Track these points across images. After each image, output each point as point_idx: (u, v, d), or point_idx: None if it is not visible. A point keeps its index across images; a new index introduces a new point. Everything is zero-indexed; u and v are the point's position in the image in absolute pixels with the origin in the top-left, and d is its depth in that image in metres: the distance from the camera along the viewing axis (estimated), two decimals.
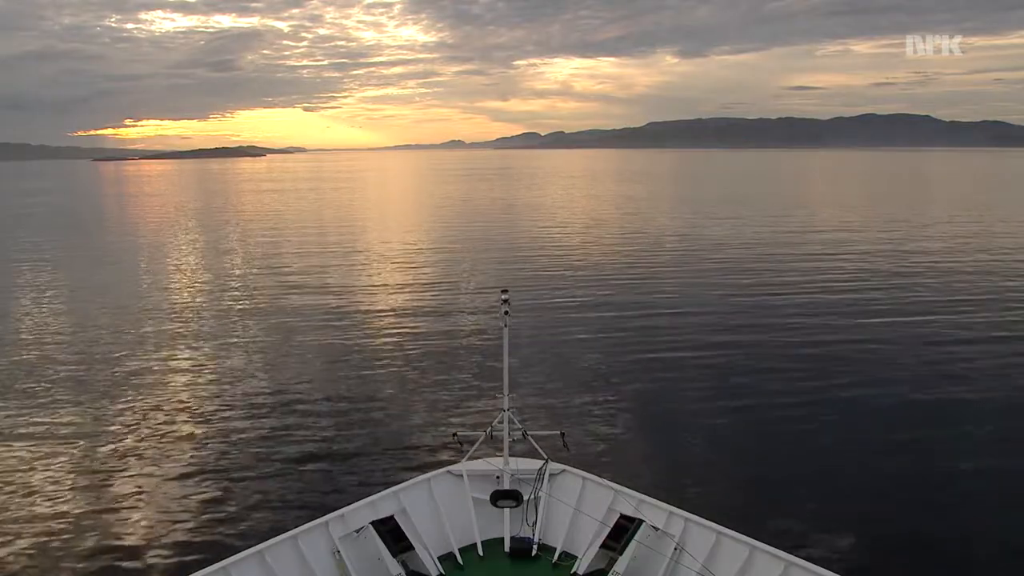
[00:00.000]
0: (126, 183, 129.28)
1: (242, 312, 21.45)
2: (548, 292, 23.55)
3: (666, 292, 23.58)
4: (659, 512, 6.74)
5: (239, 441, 11.97)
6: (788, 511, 9.61)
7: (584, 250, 33.02)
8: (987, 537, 9.15)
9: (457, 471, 7.58)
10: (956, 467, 11.10)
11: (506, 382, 7.60)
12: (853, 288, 23.95)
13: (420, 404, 13.57)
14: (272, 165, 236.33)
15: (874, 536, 9.09)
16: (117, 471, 10.93)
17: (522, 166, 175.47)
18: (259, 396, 14.10)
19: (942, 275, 26.16)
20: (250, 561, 6.09)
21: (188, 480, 10.61)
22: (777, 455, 11.54)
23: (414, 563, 6.48)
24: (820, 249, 32.65)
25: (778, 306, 21.42)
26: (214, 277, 27.74)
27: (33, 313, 21.84)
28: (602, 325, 19.38)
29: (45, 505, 9.92)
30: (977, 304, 21.49)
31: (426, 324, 19.63)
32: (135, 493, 10.25)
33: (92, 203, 77.88)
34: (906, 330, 18.63)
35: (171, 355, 17.00)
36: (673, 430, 12.60)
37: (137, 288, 25.67)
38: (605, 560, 6.47)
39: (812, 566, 5.74)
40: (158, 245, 37.79)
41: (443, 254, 32.84)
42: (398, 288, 25.03)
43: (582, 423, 12.52)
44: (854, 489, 10.38)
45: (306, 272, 28.13)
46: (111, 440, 12.03)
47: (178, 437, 12.17)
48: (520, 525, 6.88)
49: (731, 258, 30.25)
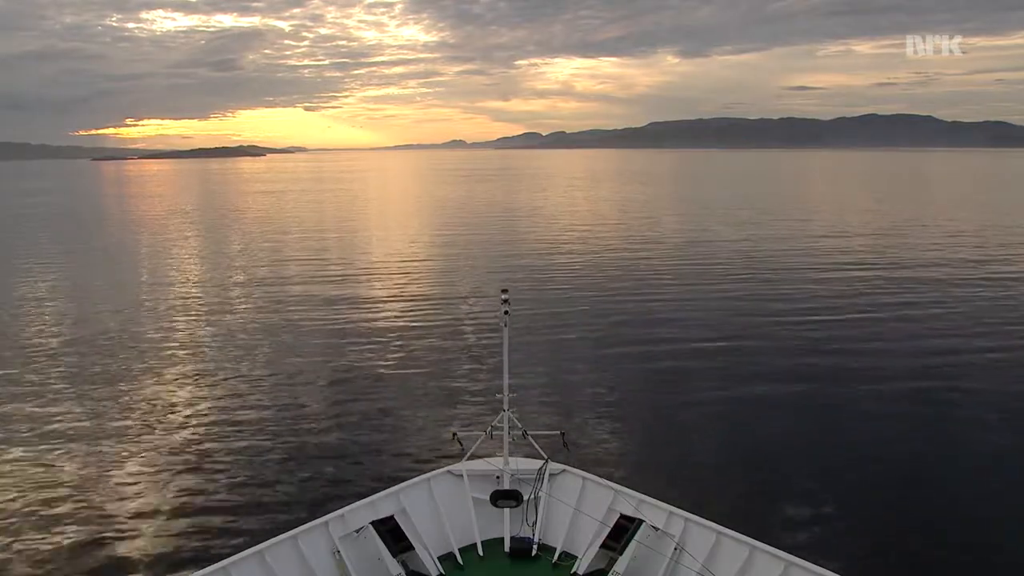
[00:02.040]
0: (113, 183, 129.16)
1: (243, 312, 21.46)
2: (548, 293, 23.55)
3: (666, 293, 23.56)
4: (659, 512, 6.74)
5: (239, 441, 11.97)
6: (788, 510, 9.61)
7: (584, 251, 33.01)
8: (994, 553, 9.15)
9: (457, 471, 7.57)
10: (956, 468, 11.11)
11: (506, 382, 7.59)
12: (854, 289, 23.94)
13: (420, 404, 13.57)
14: (271, 165, 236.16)
15: (874, 536, 9.08)
16: (117, 471, 10.94)
17: (523, 167, 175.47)
18: (259, 396, 14.11)
19: (962, 283, 26.15)
20: (250, 561, 6.09)
21: (188, 480, 10.61)
22: (777, 455, 11.53)
23: (414, 563, 6.48)
24: (820, 249, 32.66)
25: (778, 307, 21.42)
26: (213, 279, 27.75)
27: (32, 312, 21.84)
28: (602, 325, 19.37)
29: (46, 504, 9.92)
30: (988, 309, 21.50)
31: (426, 324, 19.62)
32: (135, 493, 10.25)
33: (82, 202, 77.91)
34: (906, 332, 18.62)
35: (172, 355, 17.01)
36: (673, 430, 12.60)
37: (138, 290, 25.68)
38: (605, 560, 6.46)
39: (812, 566, 5.73)
40: (153, 246, 37.77)
41: (443, 255, 32.84)
42: (398, 289, 25.00)
43: (582, 423, 12.53)
44: (854, 489, 10.37)
45: (306, 275, 28.15)
46: (111, 440, 12.04)
47: (178, 437, 12.18)
48: (520, 525, 6.87)
49: (732, 260, 30.23)
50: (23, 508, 9.84)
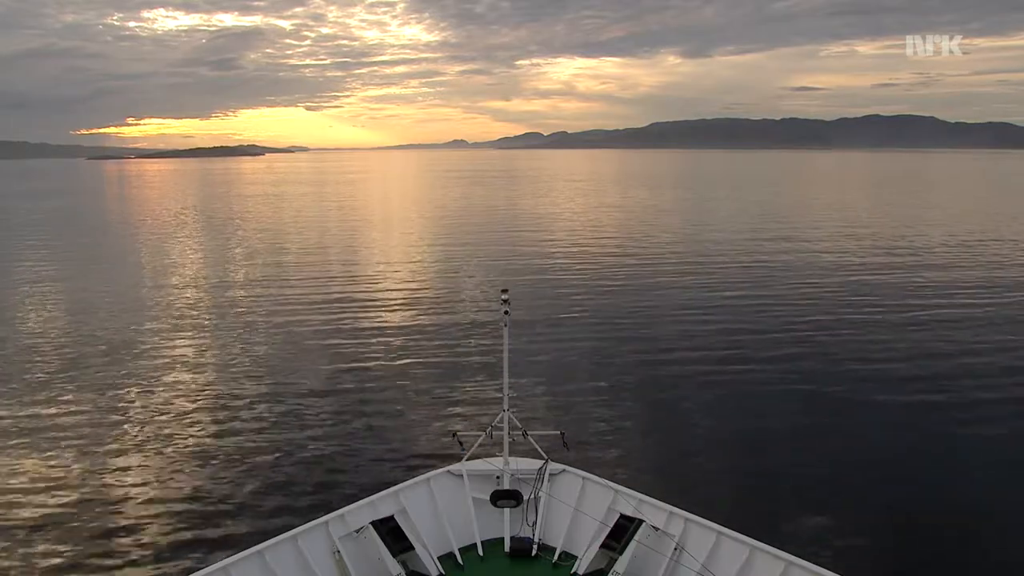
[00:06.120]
0: (99, 182, 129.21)
1: (242, 313, 21.47)
2: (549, 293, 23.54)
3: (666, 294, 23.59)
4: (659, 512, 6.73)
5: (239, 441, 11.98)
6: (788, 510, 9.61)
7: (584, 251, 33.02)
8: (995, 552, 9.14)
9: (457, 471, 7.57)
10: (956, 468, 11.11)
11: (506, 382, 7.59)
12: (856, 289, 23.94)
13: (420, 404, 13.58)
14: (271, 165, 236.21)
15: (874, 536, 9.07)
16: (117, 471, 10.96)
17: (524, 167, 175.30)
18: (259, 396, 14.12)
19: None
20: (250, 561, 6.09)
21: (188, 480, 10.63)
22: (778, 455, 11.53)
23: (414, 563, 6.48)
24: (821, 250, 32.64)
25: (779, 308, 21.41)
26: (213, 279, 27.77)
27: (29, 312, 21.86)
28: (602, 325, 19.37)
29: (45, 504, 9.94)
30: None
31: (426, 324, 19.63)
32: (135, 493, 10.27)
33: (61, 201, 77.98)
34: (907, 332, 18.62)
35: (173, 356, 17.04)
36: (673, 430, 12.60)
37: (138, 292, 25.70)
38: (605, 560, 6.46)
39: (812, 566, 5.72)
40: (152, 246, 37.81)
41: (444, 256, 32.84)
42: (398, 289, 25.03)
43: (582, 423, 12.52)
44: (855, 489, 10.36)
45: (307, 276, 28.16)
46: (112, 439, 12.07)
47: (178, 437, 12.20)
48: (520, 525, 6.87)
49: (733, 261, 30.23)
50: (23, 508, 9.86)
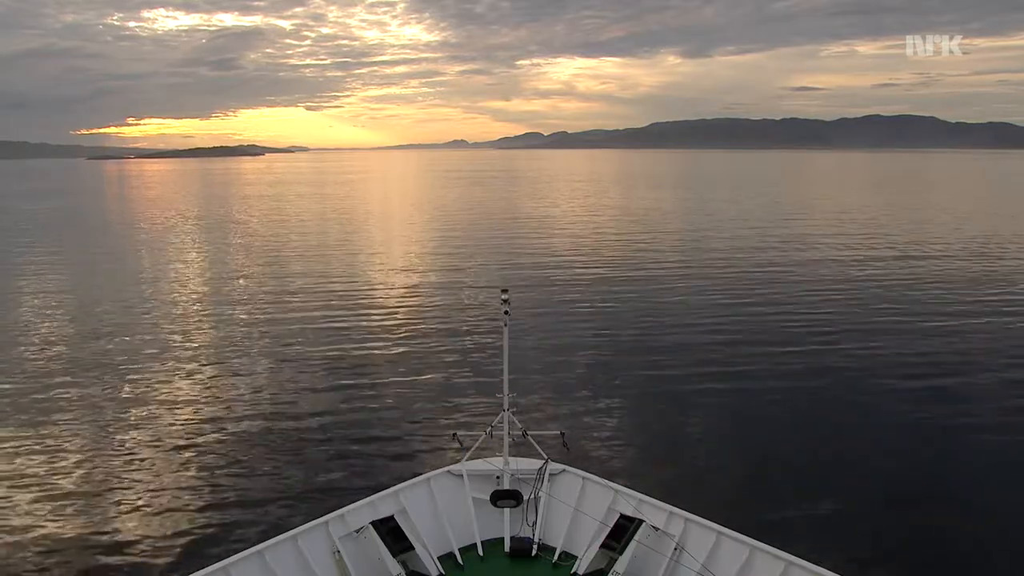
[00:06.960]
0: (99, 182, 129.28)
1: (242, 313, 21.47)
2: (549, 293, 23.55)
3: (667, 294, 23.57)
4: (659, 512, 6.73)
5: (239, 441, 11.99)
6: (789, 511, 9.61)
7: (584, 251, 33.01)
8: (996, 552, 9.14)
9: (457, 471, 7.57)
10: (957, 469, 11.10)
11: (506, 382, 7.59)
12: (855, 290, 23.95)
13: (420, 404, 13.57)
14: (271, 166, 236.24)
15: (875, 536, 9.07)
16: (118, 471, 10.96)
17: (525, 168, 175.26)
18: (259, 396, 14.12)
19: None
20: (250, 561, 6.09)
21: (188, 480, 10.63)
22: (778, 455, 11.52)
23: (414, 563, 6.48)
24: (820, 251, 32.63)
25: (780, 309, 21.40)
26: (212, 280, 27.76)
27: (29, 311, 21.86)
28: (603, 325, 19.36)
29: (45, 505, 9.94)
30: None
31: (426, 324, 19.62)
32: (136, 493, 10.27)
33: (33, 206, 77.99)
34: (908, 333, 18.62)
35: (172, 356, 17.02)
36: (673, 430, 12.59)
37: (138, 291, 25.71)
38: (605, 560, 6.46)
39: (812, 566, 5.72)
40: (151, 248, 37.81)
41: (444, 256, 32.84)
42: (398, 289, 25.03)
43: (582, 423, 12.52)
44: (855, 489, 10.35)
45: (307, 276, 28.16)
46: (111, 438, 12.06)
47: (177, 437, 12.20)
48: (520, 525, 6.87)
49: (733, 261, 30.22)
50: (22, 508, 9.86)
